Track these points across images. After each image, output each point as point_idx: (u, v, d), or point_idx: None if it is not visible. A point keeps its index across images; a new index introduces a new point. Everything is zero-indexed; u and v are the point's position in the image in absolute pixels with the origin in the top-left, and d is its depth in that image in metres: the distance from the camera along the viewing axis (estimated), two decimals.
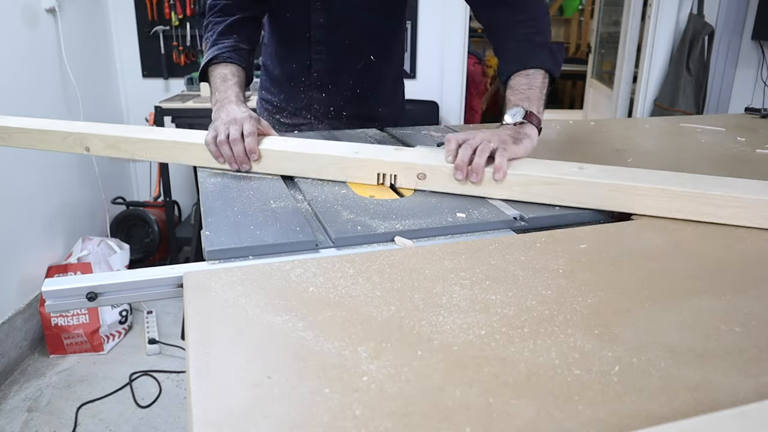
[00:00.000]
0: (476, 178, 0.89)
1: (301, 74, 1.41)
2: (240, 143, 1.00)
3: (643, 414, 0.44)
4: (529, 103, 1.01)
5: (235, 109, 1.06)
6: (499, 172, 0.89)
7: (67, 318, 2.30)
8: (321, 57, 1.38)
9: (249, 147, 1.00)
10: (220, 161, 1.03)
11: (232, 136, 1.00)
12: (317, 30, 1.35)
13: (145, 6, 3.09)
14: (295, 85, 1.43)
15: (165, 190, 2.82)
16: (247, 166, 1.01)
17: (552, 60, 1.06)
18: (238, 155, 1.00)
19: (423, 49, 3.22)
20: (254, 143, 1.00)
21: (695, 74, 3.05)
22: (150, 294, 0.71)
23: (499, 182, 0.89)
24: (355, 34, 1.36)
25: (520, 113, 0.99)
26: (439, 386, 0.47)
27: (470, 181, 0.90)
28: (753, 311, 0.59)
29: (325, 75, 1.40)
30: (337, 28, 1.34)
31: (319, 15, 1.33)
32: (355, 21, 1.35)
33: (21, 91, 2.32)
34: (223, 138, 1.00)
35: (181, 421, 2.01)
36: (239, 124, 1.02)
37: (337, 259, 0.69)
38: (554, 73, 1.06)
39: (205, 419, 0.43)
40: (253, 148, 1.00)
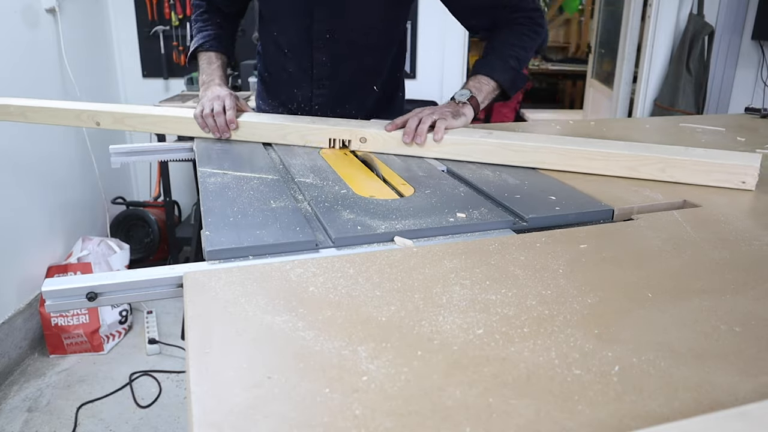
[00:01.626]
0: (419, 139, 1.14)
1: (302, 101, 1.45)
2: (222, 116, 1.22)
3: (643, 414, 0.44)
4: (478, 93, 1.24)
5: (218, 89, 1.29)
6: (437, 134, 1.13)
7: (67, 318, 2.30)
8: (323, 92, 1.42)
9: (229, 118, 1.22)
10: (206, 131, 1.25)
11: (215, 110, 1.22)
12: (320, 68, 1.38)
13: (145, 6, 3.09)
14: (294, 108, 1.47)
15: (165, 190, 2.82)
16: (228, 135, 1.24)
17: (510, 83, 1.29)
18: (220, 125, 1.23)
19: (423, 49, 3.22)
20: (233, 116, 1.23)
21: (695, 74, 3.05)
22: (150, 294, 0.71)
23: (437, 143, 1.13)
24: (357, 70, 1.40)
25: (467, 95, 1.23)
26: (439, 386, 0.47)
27: (415, 142, 1.14)
28: (753, 311, 0.59)
29: (326, 107, 1.44)
30: (339, 65, 1.38)
31: (322, 53, 1.36)
32: (357, 57, 1.38)
33: (21, 91, 2.31)
34: (207, 111, 1.23)
35: (181, 421, 2.01)
36: (222, 100, 1.24)
37: (337, 259, 0.69)
38: (507, 92, 1.30)
39: (205, 419, 0.43)
40: (232, 119, 1.23)
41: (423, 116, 1.16)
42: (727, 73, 3.07)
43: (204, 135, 1.26)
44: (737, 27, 3.00)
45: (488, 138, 1.12)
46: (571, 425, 0.42)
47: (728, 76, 3.07)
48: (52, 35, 2.55)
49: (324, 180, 1.00)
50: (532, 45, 1.32)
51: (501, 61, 1.28)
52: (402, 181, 1.01)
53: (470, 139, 1.13)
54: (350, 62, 1.38)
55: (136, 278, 0.70)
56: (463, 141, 1.13)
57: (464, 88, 1.26)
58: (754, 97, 2.95)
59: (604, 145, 1.08)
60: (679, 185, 1.01)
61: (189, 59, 1.45)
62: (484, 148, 1.12)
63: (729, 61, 3.05)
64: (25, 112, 1.35)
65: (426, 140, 1.13)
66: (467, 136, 1.14)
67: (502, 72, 1.27)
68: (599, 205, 0.90)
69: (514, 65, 1.29)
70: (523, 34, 1.30)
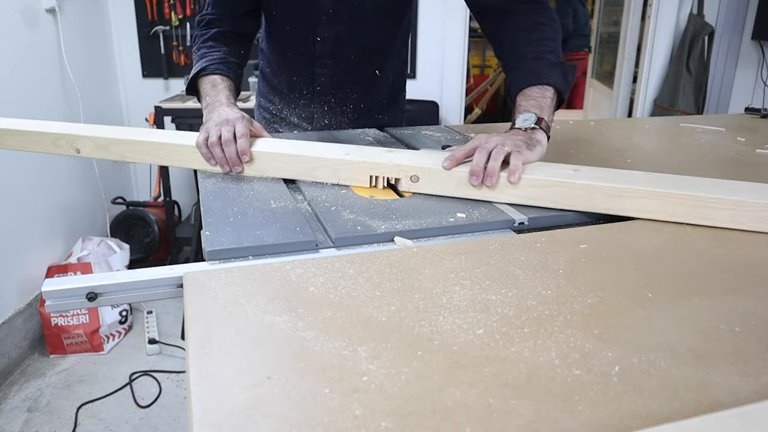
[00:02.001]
0: (491, 181, 0.88)
1: (303, 86, 1.40)
2: (232, 145, 0.99)
3: (643, 414, 0.44)
4: (541, 111, 1.01)
5: (227, 111, 1.05)
6: (514, 174, 0.87)
7: (67, 318, 2.30)
8: (325, 71, 1.36)
9: (241, 148, 0.99)
10: (212, 163, 1.02)
11: (224, 138, 0.99)
12: (323, 44, 1.33)
13: (145, 6, 3.09)
14: (296, 96, 1.42)
15: (165, 190, 2.82)
16: (239, 168, 1.01)
17: (564, 80, 1.07)
18: (230, 157, 0.99)
19: (423, 49, 3.22)
20: (246, 145, 0.99)
21: (695, 74, 3.05)
22: (150, 294, 0.71)
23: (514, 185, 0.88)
24: (361, 49, 1.35)
25: (532, 119, 0.99)
26: (439, 386, 0.47)
27: (485, 185, 0.89)
28: (753, 311, 0.59)
29: (328, 88, 1.39)
30: (343, 42, 1.33)
31: (326, 29, 1.31)
32: (362, 35, 1.33)
33: (21, 91, 2.32)
34: (214, 139, 0.99)
35: (181, 421, 2.01)
36: (231, 125, 1.01)
37: (337, 259, 0.69)
38: (564, 93, 1.07)
39: (205, 419, 0.43)
40: (245, 150, 0.99)
41: (491, 149, 0.90)
42: (727, 73, 3.07)
43: (209, 168, 1.03)
44: (737, 27, 3.00)
45: (576, 179, 0.87)
46: (571, 425, 0.42)
47: (728, 76, 3.07)
48: (52, 35, 2.55)
49: (328, 183, 1.00)
50: (556, 33, 1.13)
51: (540, 62, 1.07)
52: None
53: (554, 179, 0.87)
54: (353, 40, 1.33)
55: (136, 278, 0.70)
56: (545, 182, 0.87)
57: (523, 111, 1.02)
58: (754, 97, 2.95)
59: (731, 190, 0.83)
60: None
61: (188, 89, 1.23)
62: (573, 192, 0.86)
63: (729, 61, 3.05)
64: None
65: (498, 181, 0.89)
66: (548, 174, 0.88)
67: (550, 73, 1.06)
68: None
69: (554, 60, 1.08)
70: (540, 24, 1.12)
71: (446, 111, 3.30)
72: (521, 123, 0.99)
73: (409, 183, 0.94)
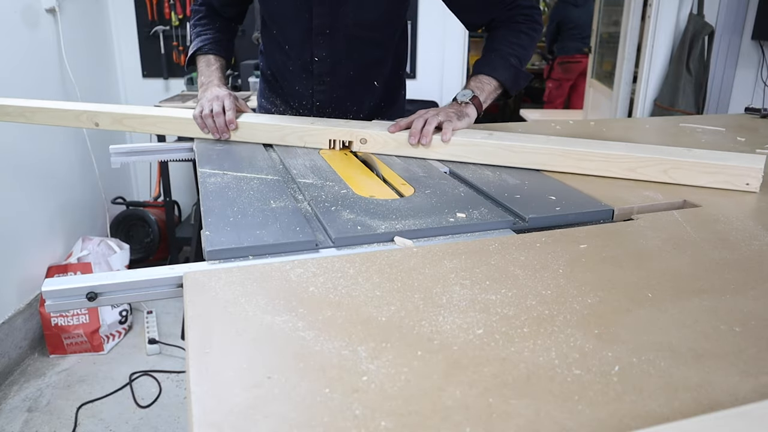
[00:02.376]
0: (425, 140, 1.13)
1: (303, 97, 1.44)
2: (221, 116, 1.22)
3: (643, 414, 0.44)
4: (480, 92, 1.25)
5: (217, 89, 1.29)
6: (445, 135, 1.12)
7: (67, 318, 2.30)
8: (324, 88, 1.41)
9: (228, 119, 1.22)
10: (205, 131, 1.25)
11: (215, 110, 1.22)
12: (320, 64, 1.37)
13: (145, 6, 3.09)
14: (297, 105, 1.46)
15: (165, 190, 2.82)
16: (227, 135, 1.24)
17: (513, 82, 1.29)
18: (220, 126, 1.22)
19: (423, 49, 3.22)
20: (233, 116, 1.22)
21: (695, 74, 3.05)
22: (150, 294, 0.71)
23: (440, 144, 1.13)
24: (358, 65, 1.39)
25: (469, 95, 1.23)
26: (439, 386, 0.47)
27: (421, 143, 1.13)
28: (753, 311, 0.59)
29: (328, 103, 1.43)
30: (340, 60, 1.37)
31: (322, 49, 1.36)
32: (359, 53, 1.37)
33: (21, 91, 2.32)
34: (207, 112, 1.22)
35: (181, 421, 2.01)
36: (221, 100, 1.24)
37: (337, 259, 0.69)
38: (509, 91, 1.30)
39: (205, 419, 0.43)
40: (232, 120, 1.22)
41: (428, 117, 1.15)
42: (727, 73, 3.07)
43: (203, 136, 1.26)
44: (737, 27, 3.00)
45: (489, 139, 1.12)
46: (571, 425, 0.42)
47: (728, 76, 3.07)
48: (52, 35, 2.55)
49: (324, 180, 1.00)
50: (532, 43, 1.32)
51: (501, 60, 1.28)
52: (402, 181, 1.01)
53: (472, 140, 1.12)
54: (350, 58, 1.37)
55: (136, 278, 0.70)
56: (465, 142, 1.13)
57: (466, 88, 1.26)
58: (754, 97, 2.95)
59: (604, 147, 1.08)
60: (680, 187, 1.01)
61: (187, 63, 1.45)
62: (485, 150, 1.11)
63: (729, 61, 3.05)
64: (24, 113, 1.36)
65: (431, 141, 1.13)
66: (469, 137, 1.14)
67: (504, 70, 1.28)
68: (599, 205, 0.90)
69: (514, 63, 1.29)
70: (521, 32, 1.31)
71: None
72: (459, 97, 1.24)
73: (359, 144, 1.19)
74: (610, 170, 1.05)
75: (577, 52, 5.06)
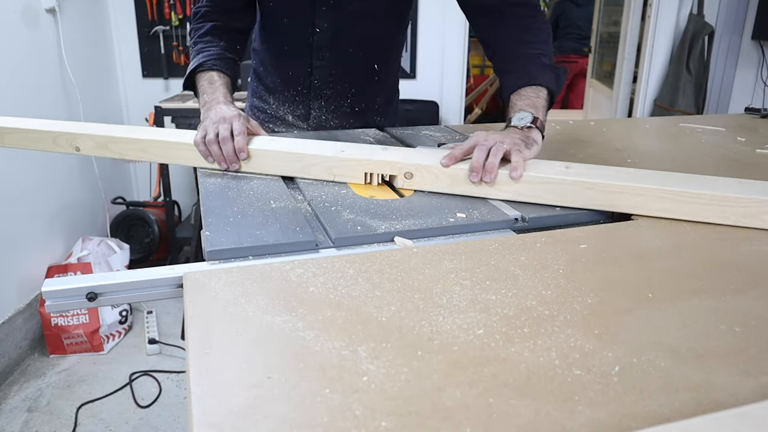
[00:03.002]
0: (489, 177, 0.90)
1: (299, 82, 1.38)
2: (229, 142, 1.01)
3: (643, 414, 0.44)
4: (536, 111, 1.03)
5: (224, 109, 1.07)
6: (516, 170, 0.89)
7: (67, 318, 2.30)
8: (323, 63, 1.35)
9: (238, 146, 1.00)
10: (210, 161, 1.03)
11: (221, 135, 1.01)
12: (321, 35, 1.31)
13: (145, 6, 3.09)
14: (292, 94, 1.41)
15: (165, 190, 2.82)
16: (237, 166, 1.02)
17: (556, 82, 1.10)
18: (228, 154, 1.01)
19: (423, 49, 3.22)
20: (243, 142, 1.01)
21: (695, 74, 3.05)
22: (150, 294, 0.71)
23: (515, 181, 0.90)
24: (360, 41, 1.34)
25: (528, 118, 1.01)
26: (439, 386, 0.47)
27: (484, 181, 0.91)
28: (753, 311, 0.59)
29: (326, 81, 1.37)
30: (341, 33, 1.32)
31: (324, 20, 1.30)
32: (361, 27, 1.32)
33: (21, 91, 2.32)
34: (212, 137, 1.01)
35: (181, 421, 2.00)
36: (228, 122, 1.02)
37: (337, 259, 0.69)
38: (555, 94, 1.10)
39: (205, 419, 0.43)
40: (243, 147, 1.00)
41: (490, 146, 0.93)
42: (727, 73, 3.07)
43: (208, 165, 1.04)
44: (737, 27, 3.00)
45: (568, 176, 0.89)
46: (571, 425, 0.42)
47: (728, 76, 3.07)
48: (52, 35, 2.55)
49: (321, 180, 1.00)
50: (548, 37, 1.17)
51: (534, 65, 1.11)
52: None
53: (546, 176, 0.89)
54: (351, 31, 1.32)
55: (136, 278, 0.70)
56: (539, 179, 0.90)
57: (519, 110, 1.04)
58: (754, 97, 2.95)
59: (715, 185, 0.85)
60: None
61: (185, 83, 1.24)
62: (564, 189, 0.89)
63: (729, 61, 3.05)
64: None
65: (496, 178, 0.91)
66: (542, 171, 0.90)
67: (543, 74, 1.10)
68: None
69: (547, 62, 1.12)
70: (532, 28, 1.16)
71: (446, 111, 3.30)
72: (517, 122, 1.02)
73: (403, 180, 0.95)
74: (725, 216, 0.83)
75: (574, 52, 5.06)
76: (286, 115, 1.44)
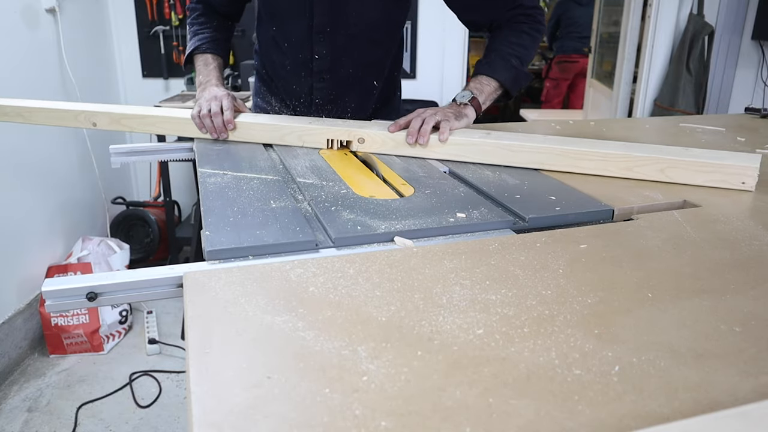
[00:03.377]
0: (423, 140, 1.13)
1: (301, 97, 1.44)
2: (219, 116, 1.22)
3: (643, 414, 0.44)
4: (479, 93, 1.25)
5: (215, 89, 1.28)
6: (443, 135, 1.12)
7: (67, 318, 2.30)
8: (323, 85, 1.41)
9: (226, 119, 1.22)
10: (203, 131, 1.25)
11: (212, 111, 1.22)
12: (319, 61, 1.38)
13: (145, 6, 3.09)
14: (294, 104, 1.46)
15: (165, 190, 2.82)
16: (225, 135, 1.24)
17: (513, 82, 1.28)
18: (218, 126, 1.22)
19: (423, 49, 3.22)
20: (231, 116, 1.22)
21: (695, 74, 3.05)
22: (150, 294, 0.71)
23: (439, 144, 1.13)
24: (358, 64, 1.39)
25: (468, 96, 1.23)
26: (439, 386, 0.47)
27: (418, 143, 1.13)
28: (753, 311, 0.59)
29: (327, 100, 1.43)
30: (340, 59, 1.37)
31: (322, 47, 1.36)
32: (358, 51, 1.37)
33: (21, 91, 2.32)
34: (205, 112, 1.22)
35: (181, 421, 2.01)
36: (219, 100, 1.24)
37: (337, 259, 0.69)
38: (510, 92, 1.29)
39: (205, 419, 0.43)
40: (230, 120, 1.22)
41: (426, 117, 1.15)
42: (727, 73, 3.07)
43: (202, 136, 1.26)
44: (737, 27, 3.00)
45: (487, 138, 1.12)
46: (571, 425, 0.42)
47: (728, 76, 3.07)
48: (52, 35, 2.55)
49: (324, 180, 1.00)
50: (533, 43, 1.31)
51: (502, 61, 1.28)
52: (402, 181, 1.01)
53: (470, 139, 1.13)
54: (350, 56, 1.38)
55: (136, 278, 0.70)
56: (464, 141, 1.13)
57: (465, 89, 1.26)
58: (754, 97, 2.95)
59: (601, 146, 1.08)
60: (678, 186, 1.01)
61: (185, 62, 1.45)
62: (483, 149, 1.12)
63: (729, 61, 3.05)
64: (22, 113, 1.36)
65: (429, 141, 1.13)
66: (467, 136, 1.14)
67: (504, 71, 1.27)
68: (599, 205, 0.90)
69: (515, 64, 1.28)
70: (522, 32, 1.30)
71: None
72: (458, 98, 1.24)
73: (357, 144, 1.19)
74: (608, 169, 1.05)
75: (575, 52, 5.06)
76: None
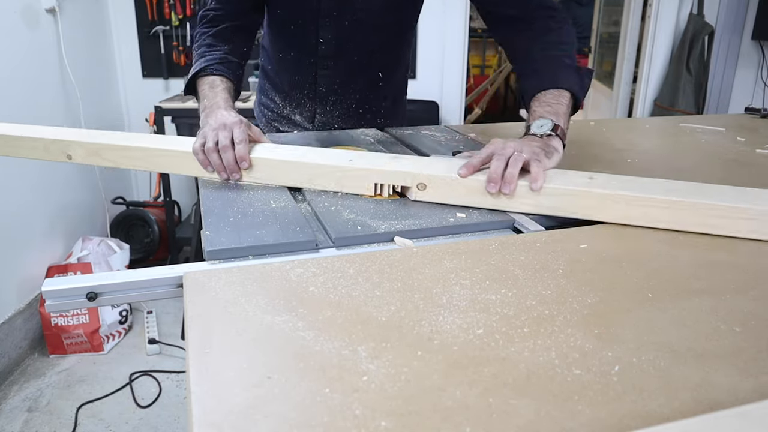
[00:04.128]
0: (509, 189, 0.84)
1: (305, 86, 1.39)
2: (230, 150, 0.94)
3: (643, 414, 0.44)
4: (557, 117, 0.97)
5: (224, 114, 1.00)
6: (536, 182, 0.83)
7: (67, 318, 2.30)
8: (328, 72, 1.35)
9: (239, 155, 0.94)
10: (209, 170, 0.96)
11: (221, 143, 0.94)
12: (325, 46, 1.32)
13: (145, 6, 3.09)
14: (298, 96, 1.41)
15: (165, 190, 2.82)
16: (237, 176, 0.95)
17: (580, 85, 1.03)
18: (228, 163, 0.94)
19: (423, 49, 3.22)
20: (245, 151, 0.94)
21: (695, 74, 3.05)
22: (150, 294, 0.71)
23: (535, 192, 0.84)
24: (365, 51, 1.34)
25: (548, 125, 0.95)
26: (439, 386, 0.47)
27: (503, 192, 0.84)
28: (753, 311, 0.59)
29: (331, 89, 1.38)
30: (347, 44, 1.32)
31: (328, 31, 1.30)
32: (365, 37, 1.32)
33: (21, 92, 2.32)
34: (211, 145, 0.94)
35: (181, 421, 2.01)
36: (229, 130, 0.96)
37: (337, 259, 0.69)
38: (579, 98, 1.03)
39: (205, 419, 0.43)
40: (244, 156, 0.94)
41: (510, 156, 0.86)
42: (727, 73, 3.07)
43: (207, 175, 0.98)
44: (737, 27, 3.00)
45: (593, 187, 0.83)
46: (571, 425, 0.42)
47: (728, 76, 3.07)
48: (52, 35, 2.55)
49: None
50: (569, 38, 1.11)
51: (556, 66, 1.04)
52: None
53: (568, 187, 0.83)
54: (355, 42, 1.32)
55: (136, 278, 0.70)
56: (561, 191, 0.83)
57: (537, 117, 0.98)
58: (754, 97, 2.95)
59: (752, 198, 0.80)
60: None
61: (186, 88, 1.19)
62: (588, 203, 0.82)
63: (729, 61, 3.05)
64: None
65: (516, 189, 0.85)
66: (564, 183, 0.84)
67: (567, 76, 1.02)
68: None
69: (570, 63, 1.05)
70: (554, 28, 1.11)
71: (446, 111, 3.30)
72: (537, 129, 0.96)
73: (416, 191, 0.90)
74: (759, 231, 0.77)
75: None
76: (292, 115, 1.45)
